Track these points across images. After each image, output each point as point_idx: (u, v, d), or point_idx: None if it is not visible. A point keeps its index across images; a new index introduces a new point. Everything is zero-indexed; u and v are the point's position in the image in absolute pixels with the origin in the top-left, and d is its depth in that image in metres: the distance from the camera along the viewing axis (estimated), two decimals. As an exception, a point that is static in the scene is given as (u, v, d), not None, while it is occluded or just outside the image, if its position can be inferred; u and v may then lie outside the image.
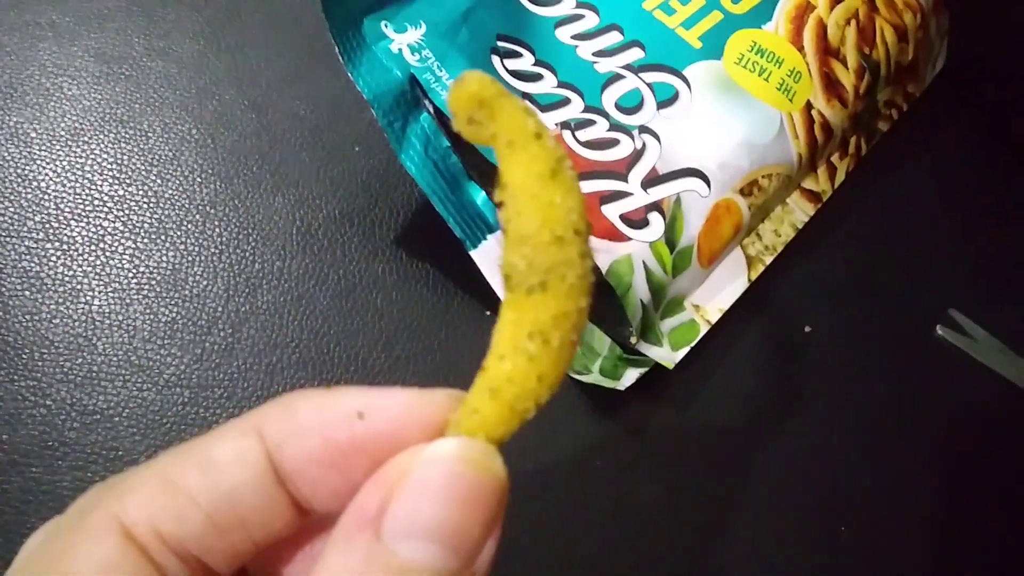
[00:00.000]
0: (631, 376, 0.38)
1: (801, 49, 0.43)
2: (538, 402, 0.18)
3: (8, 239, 0.39)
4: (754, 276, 0.42)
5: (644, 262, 0.38)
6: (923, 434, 0.41)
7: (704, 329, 0.40)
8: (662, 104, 0.41)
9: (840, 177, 0.46)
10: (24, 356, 0.37)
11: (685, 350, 0.39)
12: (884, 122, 0.49)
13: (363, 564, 0.17)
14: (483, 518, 0.17)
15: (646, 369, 0.38)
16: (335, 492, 0.18)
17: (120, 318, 0.38)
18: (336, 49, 0.37)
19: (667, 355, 0.39)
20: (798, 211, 0.45)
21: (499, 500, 0.18)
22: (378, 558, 0.17)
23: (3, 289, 0.38)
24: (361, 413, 0.18)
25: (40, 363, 0.37)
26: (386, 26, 0.39)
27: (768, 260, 0.43)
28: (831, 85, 0.43)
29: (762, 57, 0.42)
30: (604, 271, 0.37)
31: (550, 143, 0.18)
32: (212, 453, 0.18)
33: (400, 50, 0.39)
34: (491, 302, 0.39)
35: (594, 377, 0.38)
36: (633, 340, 0.38)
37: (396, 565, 0.16)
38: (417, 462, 0.17)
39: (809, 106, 0.43)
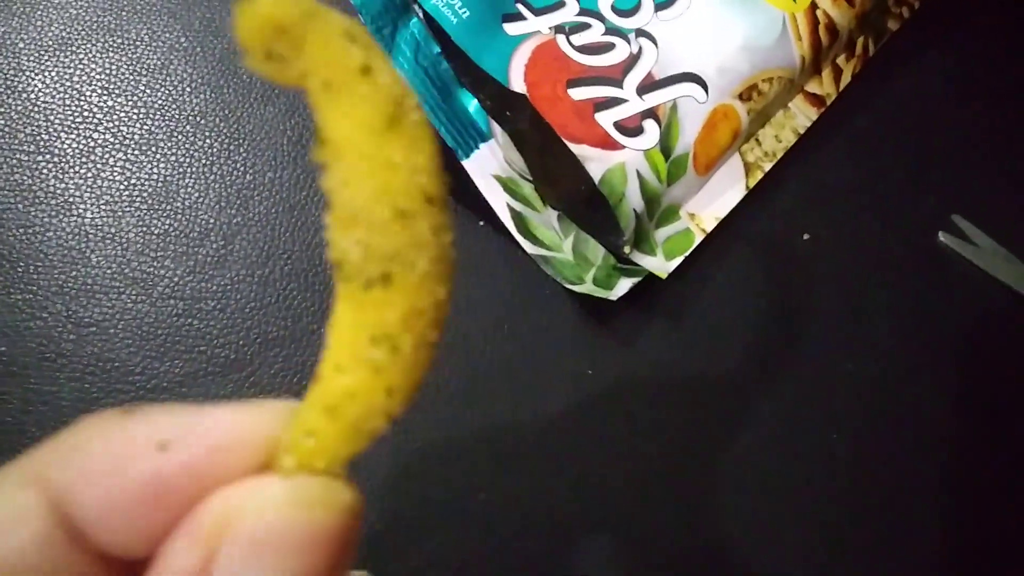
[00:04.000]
0: (624, 286, 0.38)
1: (806, -55, 0.41)
2: (390, 417, 0.15)
3: (-1, 152, 0.39)
4: (752, 183, 0.42)
5: (638, 171, 0.38)
6: (922, 342, 0.40)
7: (699, 238, 0.40)
8: (660, 6, 0.40)
9: (846, 79, 0.45)
10: (20, 269, 0.37)
11: (679, 259, 0.39)
12: (894, 21, 0.47)
13: None
14: (328, 560, 0.15)
15: (639, 279, 0.38)
16: (148, 537, 0.15)
17: (113, 231, 0.38)
18: (321, -48, 0.36)
19: (661, 264, 0.39)
20: (800, 115, 0.44)
21: (346, 534, 0.15)
22: None
23: (-4, 202, 0.38)
24: (163, 444, 0.15)
25: (36, 276, 0.37)
26: (373, -73, 0.38)
27: (767, 166, 0.42)
28: (837, -17, 0.42)
29: (765, -46, 0.41)
30: (597, 181, 0.37)
31: (384, 78, 0.14)
32: None
33: (388, -48, 0.38)
34: (483, 212, 0.39)
35: (587, 287, 0.38)
36: (627, 250, 0.38)
37: None
38: (242, 511, 0.15)
39: (814, 6, 0.41)
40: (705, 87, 0.39)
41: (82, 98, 0.40)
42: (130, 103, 0.41)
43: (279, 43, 0.13)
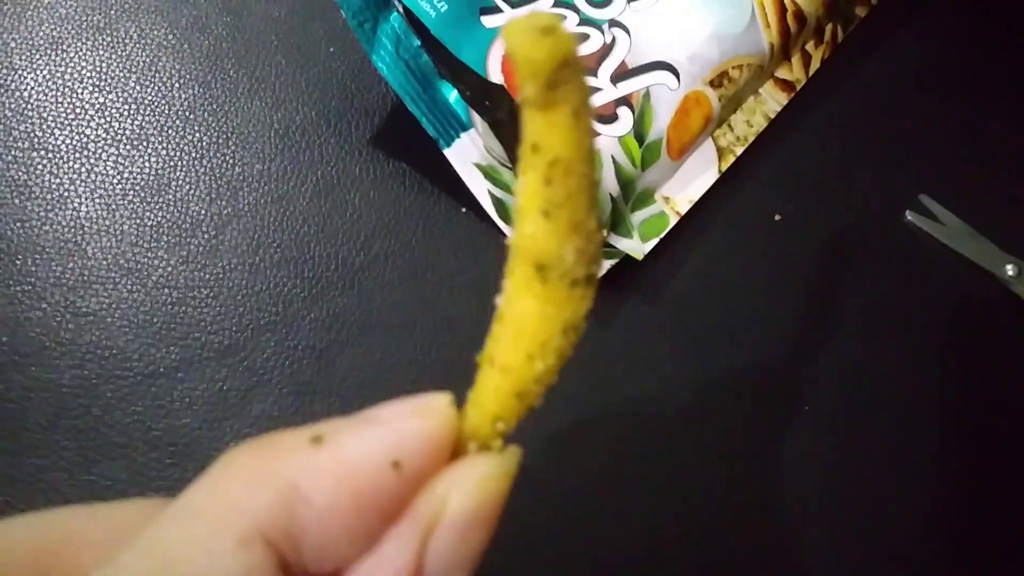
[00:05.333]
0: (601, 268, 0.39)
1: (773, -65, 0.43)
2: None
3: (-5, 149, 0.40)
4: (725, 167, 0.43)
5: (613, 156, 0.39)
6: (891, 317, 0.42)
7: (674, 220, 0.41)
8: (632, -3, 0.41)
9: (815, 65, 0.47)
10: (18, 262, 0.38)
11: (654, 241, 0.41)
12: (862, 8, 0.48)
13: None
14: None
15: (615, 260, 0.40)
16: (357, 552, 0.16)
17: (107, 223, 0.39)
18: (303, -50, 0.38)
19: (636, 246, 0.40)
20: (771, 101, 0.45)
21: None
22: None
23: (-7, 198, 0.39)
24: (396, 463, 0.16)
25: (34, 268, 0.38)
26: (353, -76, 0.39)
27: (739, 151, 0.44)
28: (804, -28, 0.43)
29: (733, -55, 0.42)
30: (573, 166, 0.38)
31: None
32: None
33: (368, -51, 0.39)
34: (465, 199, 0.40)
35: (566, 269, 0.39)
36: (603, 233, 0.40)
37: None
38: (455, 497, 0.16)
39: (782, -6, 0.43)
40: (677, 75, 0.40)
41: (74, 95, 0.42)
42: (121, 99, 0.42)
43: (564, 72, 0.14)
